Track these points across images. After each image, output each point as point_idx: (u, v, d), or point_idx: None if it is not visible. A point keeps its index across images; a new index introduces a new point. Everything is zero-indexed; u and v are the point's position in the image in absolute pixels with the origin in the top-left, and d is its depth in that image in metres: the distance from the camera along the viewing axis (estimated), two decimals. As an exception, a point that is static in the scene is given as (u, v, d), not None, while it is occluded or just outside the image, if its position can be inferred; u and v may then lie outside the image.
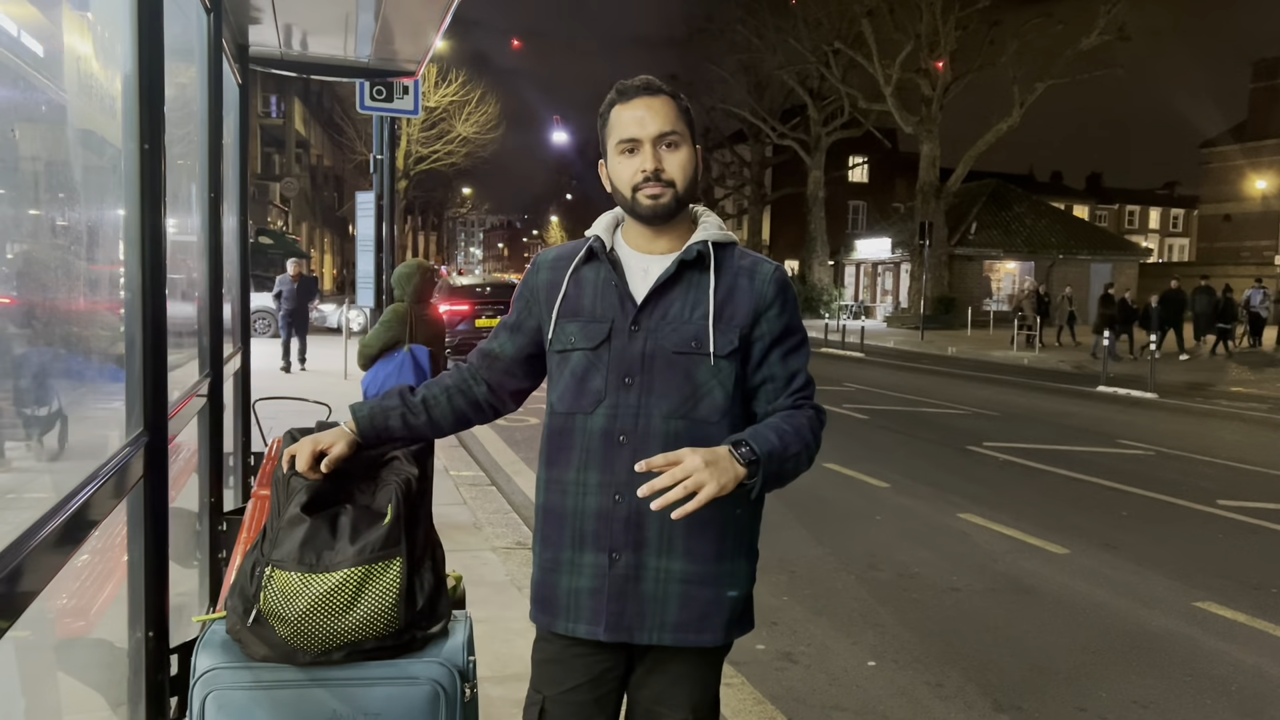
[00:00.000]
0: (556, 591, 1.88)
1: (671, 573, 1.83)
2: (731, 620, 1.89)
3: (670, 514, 1.72)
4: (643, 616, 1.83)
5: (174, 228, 3.48)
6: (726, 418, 1.84)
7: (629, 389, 1.83)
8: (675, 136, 1.84)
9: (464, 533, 5.81)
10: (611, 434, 1.83)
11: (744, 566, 1.91)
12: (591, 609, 1.85)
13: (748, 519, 1.91)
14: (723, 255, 1.89)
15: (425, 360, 5.53)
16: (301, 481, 1.79)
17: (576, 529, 1.86)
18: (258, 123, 41.07)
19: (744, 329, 1.85)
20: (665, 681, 1.91)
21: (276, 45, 4.56)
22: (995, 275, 38.15)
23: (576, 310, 1.89)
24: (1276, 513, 7.26)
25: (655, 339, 1.83)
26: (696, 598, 1.84)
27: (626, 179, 1.85)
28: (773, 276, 1.90)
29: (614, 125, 1.87)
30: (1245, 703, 3.97)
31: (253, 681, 1.73)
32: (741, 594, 1.91)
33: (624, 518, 1.82)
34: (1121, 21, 29.85)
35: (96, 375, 2.42)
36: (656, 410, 1.82)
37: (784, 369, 1.88)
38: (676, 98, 1.87)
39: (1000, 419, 12.13)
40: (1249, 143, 46.87)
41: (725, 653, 1.97)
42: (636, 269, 1.89)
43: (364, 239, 10.87)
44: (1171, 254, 71.26)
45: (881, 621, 4.81)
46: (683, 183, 1.85)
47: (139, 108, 2.03)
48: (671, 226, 1.89)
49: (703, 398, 1.83)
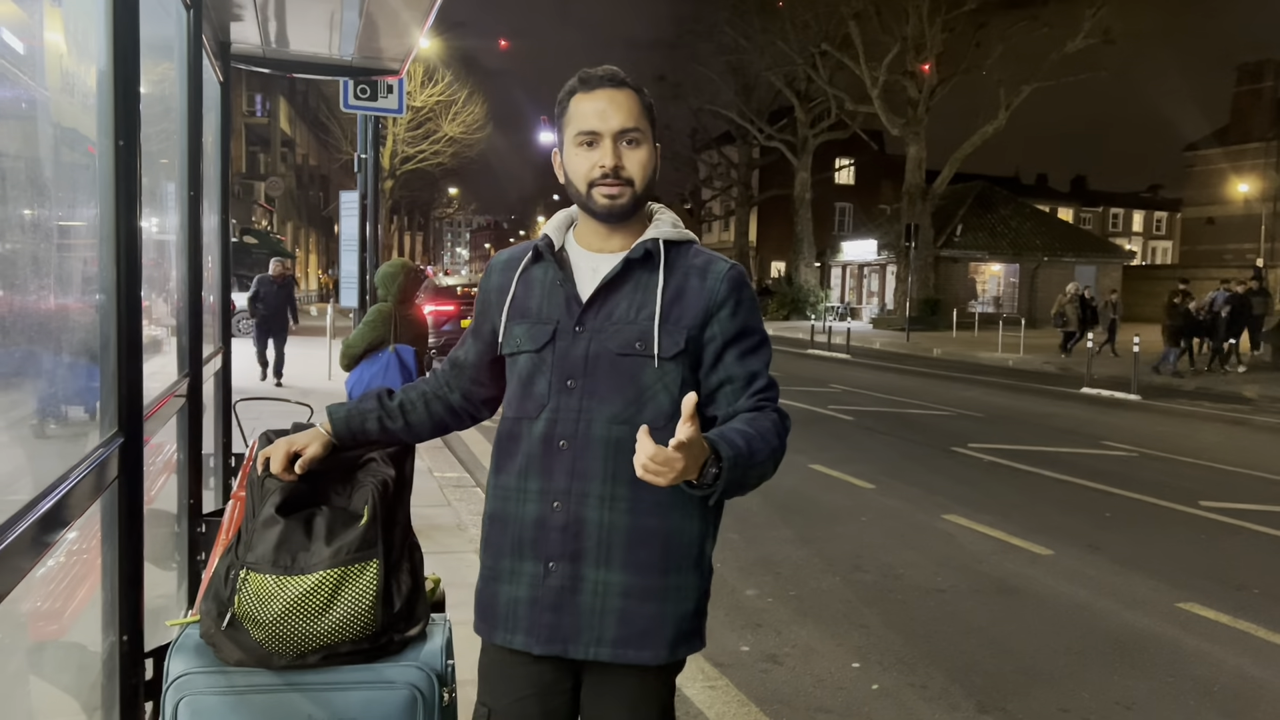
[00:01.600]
0: (496, 601, 1.80)
1: (610, 585, 1.73)
2: (677, 637, 1.77)
3: (610, 524, 1.70)
4: (579, 630, 1.74)
5: (155, 226, 3.45)
6: (672, 423, 1.68)
7: (571, 392, 1.75)
8: (637, 134, 1.77)
9: (447, 534, 5.78)
10: (552, 439, 1.75)
11: (691, 580, 1.79)
12: (528, 620, 1.76)
13: (696, 530, 1.79)
14: (675, 254, 1.80)
15: (411, 360, 5.50)
16: (276, 483, 1.77)
17: (516, 537, 1.78)
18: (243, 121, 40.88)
19: (692, 330, 1.76)
20: (608, 700, 1.80)
21: (259, 43, 4.52)
22: (980, 277, 38.33)
23: (524, 312, 1.82)
24: (1258, 513, 7.30)
25: (599, 340, 1.75)
26: (637, 613, 1.73)
27: (583, 173, 1.77)
28: (726, 275, 1.79)
29: (573, 115, 1.78)
30: (1227, 703, 3.99)
31: (227, 686, 1.70)
32: (689, 609, 1.79)
33: (561, 526, 1.74)
34: (1106, 25, 30.05)
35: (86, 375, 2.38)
36: (599, 415, 1.74)
37: (742, 369, 1.78)
38: (640, 92, 1.80)
39: (985, 420, 12.17)
40: (1232, 146, 47.25)
41: (676, 670, 1.85)
42: (585, 268, 1.81)
43: (348, 239, 10.81)
44: (1155, 257, 71.72)
45: (866, 623, 4.80)
46: (641, 182, 1.77)
47: (114, 103, 2.00)
48: (626, 225, 1.82)
49: (647, 402, 1.74)
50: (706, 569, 1.84)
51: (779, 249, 49.30)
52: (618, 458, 1.71)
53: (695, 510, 1.77)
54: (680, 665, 1.84)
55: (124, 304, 2.03)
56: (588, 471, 1.73)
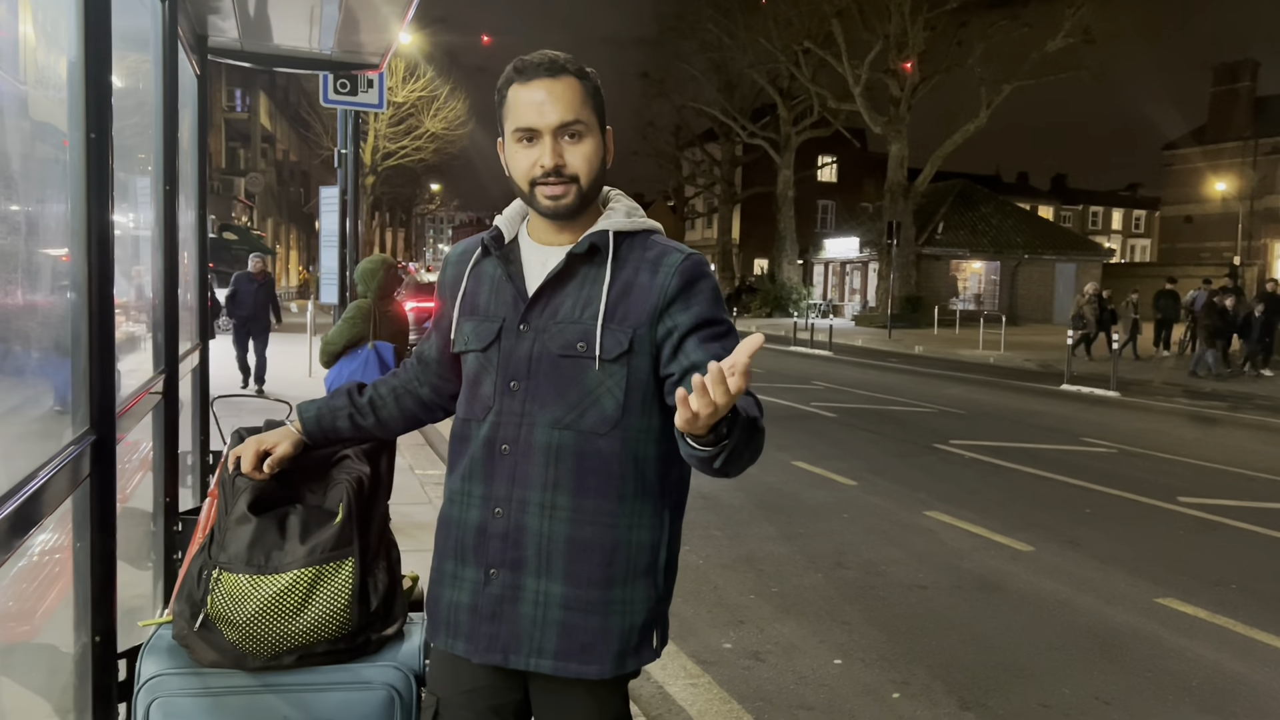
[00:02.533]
0: (439, 605, 1.73)
1: (551, 596, 1.64)
2: (623, 651, 1.67)
3: (550, 533, 1.63)
4: (518, 640, 1.65)
5: (131, 221, 3.40)
6: (618, 430, 1.64)
7: (514, 395, 1.66)
8: (579, 126, 1.63)
9: (428, 532, 5.73)
10: (494, 443, 1.67)
11: (642, 593, 1.68)
12: (469, 627, 1.68)
13: (646, 539, 1.69)
14: (627, 246, 1.68)
15: (390, 357, 5.46)
16: (247, 481, 1.74)
17: (459, 541, 1.71)
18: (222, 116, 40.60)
19: (640, 328, 1.63)
20: (555, 713, 1.72)
21: (236, 36, 4.47)
22: (962, 275, 38.51)
23: (474, 307, 1.74)
24: (1236, 509, 7.36)
25: (542, 340, 1.65)
26: (580, 625, 1.64)
27: (523, 171, 1.66)
28: (678, 268, 1.66)
29: (511, 107, 1.66)
30: (1206, 699, 4.01)
31: (200, 688, 1.68)
32: (637, 623, 1.68)
33: (501, 533, 1.66)
34: (1086, 25, 30.26)
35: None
36: (540, 419, 1.64)
37: (705, 354, 1.60)
38: (583, 77, 1.66)
39: (967, 417, 12.22)
40: (1209, 145, 47.64)
41: (626, 680, 1.75)
42: (535, 262, 1.71)
43: (328, 234, 10.73)
44: (1134, 254, 72.31)
45: (849, 620, 4.81)
46: (587, 177, 1.65)
47: (85, 94, 1.97)
48: (577, 218, 1.70)
49: (589, 407, 1.63)
50: (662, 577, 1.72)
51: (762, 246, 49.36)
52: (559, 464, 1.64)
53: (645, 520, 1.68)
54: (633, 675, 1.74)
55: (96, 299, 2.00)
56: (529, 478, 1.65)
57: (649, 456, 1.68)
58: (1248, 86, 47.04)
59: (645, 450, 1.67)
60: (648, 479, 1.68)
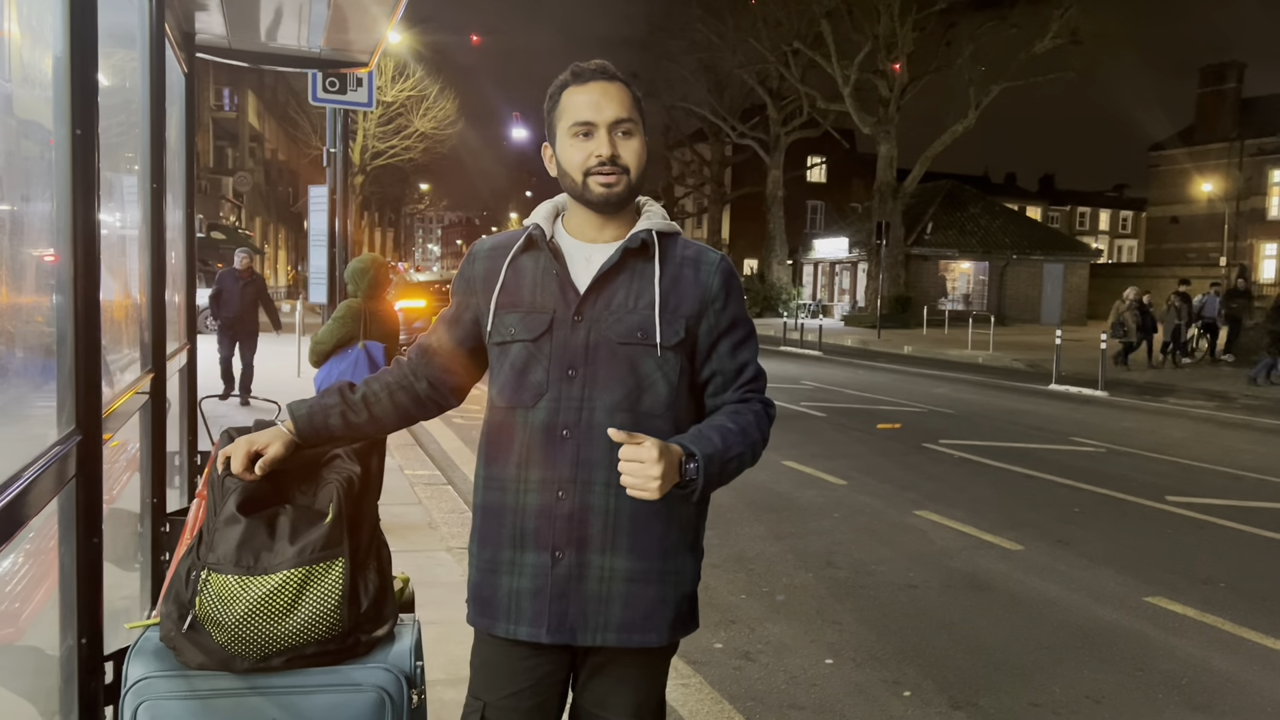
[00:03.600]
0: (496, 593, 1.81)
1: (616, 571, 1.77)
2: (677, 619, 1.83)
3: (616, 510, 1.73)
4: (585, 617, 1.77)
5: (117, 220, 3.37)
6: (670, 411, 1.80)
7: (572, 381, 1.77)
8: (630, 124, 1.80)
9: (418, 533, 5.72)
10: (554, 428, 1.76)
11: (689, 564, 1.85)
12: (533, 610, 1.78)
13: (693, 514, 1.85)
14: (667, 244, 1.84)
15: (380, 356, 5.43)
16: (236, 481, 1.72)
17: (517, 527, 1.79)
18: (210, 115, 40.39)
19: (690, 320, 1.81)
20: (608, 684, 1.85)
21: (224, 33, 4.44)
22: (950, 275, 38.61)
23: (516, 301, 1.83)
24: (1223, 508, 7.39)
25: (599, 329, 1.77)
26: (641, 596, 1.78)
27: (578, 163, 1.79)
28: (718, 267, 1.86)
29: (566, 108, 1.81)
30: (1195, 696, 4.02)
31: (188, 691, 1.66)
32: (686, 592, 1.85)
33: (567, 514, 1.76)
34: (1074, 26, 30.37)
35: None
36: (600, 403, 1.76)
37: (733, 362, 1.85)
38: (630, 86, 1.84)
39: (956, 416, 12.25)
40: (1195, 146, 47.82)
41: (671, 653, 1.91)
42: (579, 257, 1.83)
43: (317, 234, 10.69)
44: (1121, 255, 72.62)
45: (839, 619, 4.81)
46: (636, 171, 1.81)
47: (70, 91, 1.94)
48: (618, 216, 1.85)
49: (646, 390, 1.78)
50: (699, 553, 1.89)
51: (751, 246, 49.41)
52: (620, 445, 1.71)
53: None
54: (675, 648, 1.90)
55: (81, 298, 1.98)
56: (592, 459, 1.75)
57: None
58: (1233, 88, 47.27)
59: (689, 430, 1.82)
60: None
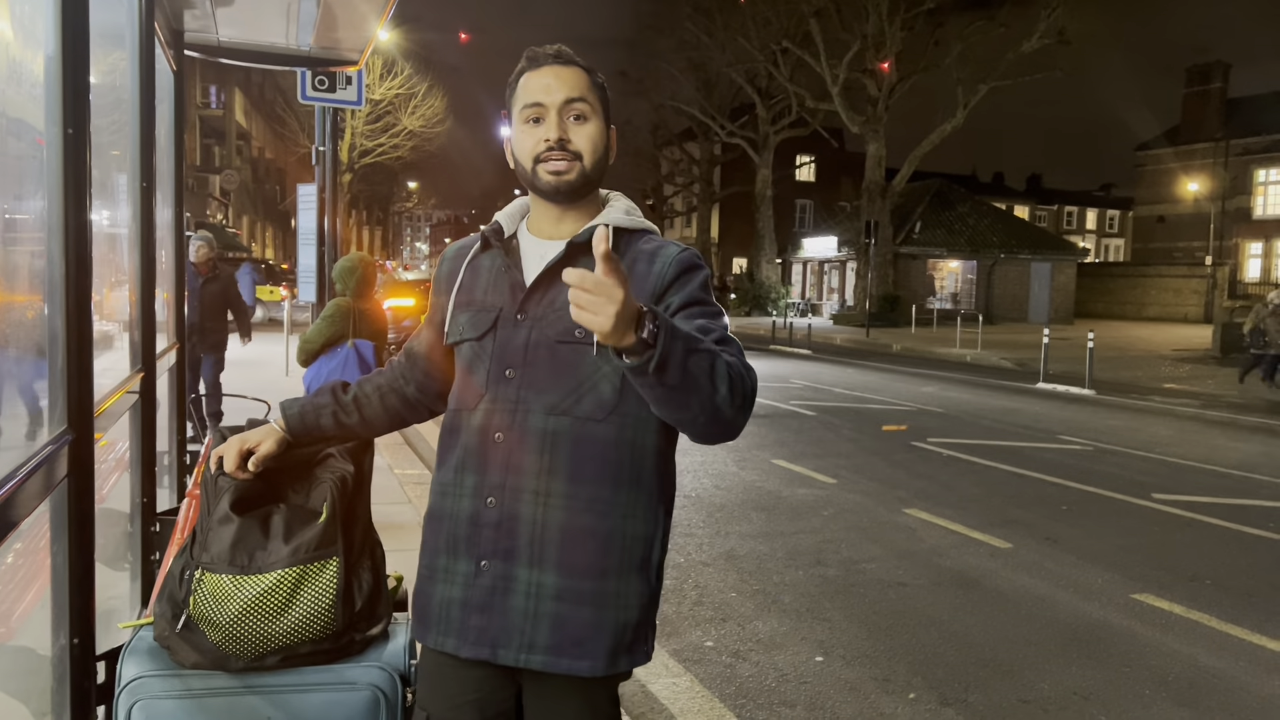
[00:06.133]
0: (431, 602, 1.69)
1: (544, 587, 1.61)
2: (616, 647, 1.64)
3: (544, 521, 1.61)
4: (509, 634, 1.62)
5: (106, 219, 3.36)
6: (615, 415, 1.63)
7: (509, 382, 1.66)
8: (584, 105, 1.69)
9: (409, 532, 5.72)
10: (488, 431, 1.66)
11: (635, 586, 1.66)
12: (459, 621, 1.65)
13: (640, 531, 1.67)
14: (624, 241, 1.72)
15: (370, 355, 5.43)
16: (229, 481, 1.72)
17: (451, 534, 1.68)
18: (197, 113, 40.21)
19: None
20: (548, 712, 1.69)
21: (214, 32, 4.43)
22: (939, 274, 38.74)
23: (470, 300, 1.75)
24: (1210, 505, 7.44)
25: (540, 328, 1.66)
26: (572, 618, 1.61)
27: (529, 149, 1.69)
28: (676, 258, 1.69)
29: (520, 92, 1.72)
30: (1181, 692, 4.06)
31: (182, 690, 1.66)
32: (632, 619, 1.66)
33: (494, 523, 1.64)
34: (1061, 26, 30.49)
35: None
36: (535, 405, 1.64)
37: (691, 325, 1.58)
38: (590, 72, 1.73)
39: (944, 415, 12.30)
40: (1181, 146, 48.10)
41: (615, 684, 1.74)
42: (534, 255, 1.73)
43: (305, 233, 10.64)
44: (1108, 254, 72.97)
45: (829, 617, 4.83)
46: (591, 157, 1.70)
47: (62, 90, 1.94)
48: (578, 209, 1.73)
49: (586, 393, 1.63)
50: (654, 575, 1.71)
51: (741, 245, 49.47)
52: (554, 451, 1.63)
53: (640, 511, 1.67)
54: (621, 678, 1.73)
55: (73, 297, 1.97)
56: (522, 465, 1.63)
57: (647, 446, 1.68)
58: (1219, 88, 47.55)
59: (644, 439, 1.67)
60: (645, 468, 1.68)
